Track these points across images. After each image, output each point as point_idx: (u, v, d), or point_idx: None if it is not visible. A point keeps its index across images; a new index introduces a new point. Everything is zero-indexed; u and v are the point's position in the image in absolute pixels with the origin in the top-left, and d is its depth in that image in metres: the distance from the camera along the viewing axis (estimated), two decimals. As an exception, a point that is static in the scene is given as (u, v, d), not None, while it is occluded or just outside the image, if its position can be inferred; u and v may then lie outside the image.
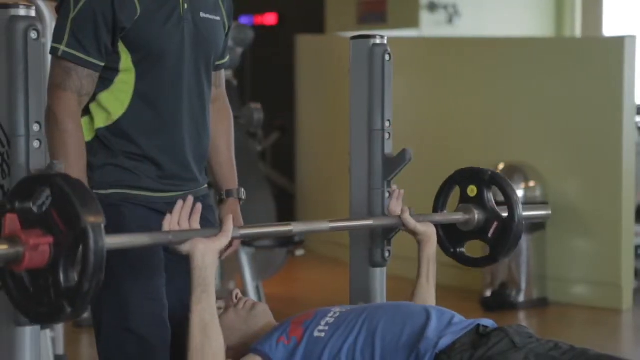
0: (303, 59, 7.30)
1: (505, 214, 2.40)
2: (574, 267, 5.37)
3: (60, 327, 4.20)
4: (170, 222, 1.94)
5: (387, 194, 2.44)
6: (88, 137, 2.19)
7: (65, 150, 2.10)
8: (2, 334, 1.88)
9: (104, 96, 2.18)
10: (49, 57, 2.16)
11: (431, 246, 2.37)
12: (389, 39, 2.47)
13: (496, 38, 6.46)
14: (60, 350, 4.20)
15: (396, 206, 2.37)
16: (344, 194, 2.66)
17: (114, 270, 2.15)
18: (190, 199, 1.98)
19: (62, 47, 2.11)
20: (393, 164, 2.43)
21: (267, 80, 7.97)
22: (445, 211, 2.49)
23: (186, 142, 2.24)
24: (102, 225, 1.63)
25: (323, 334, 2.05)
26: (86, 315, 4.73)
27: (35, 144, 1.88)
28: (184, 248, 1.94)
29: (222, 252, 2.38)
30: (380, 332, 2.01)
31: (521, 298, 5.27)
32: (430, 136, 5.85)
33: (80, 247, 1.61)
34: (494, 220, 2.41)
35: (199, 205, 1.98)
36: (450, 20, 7.25)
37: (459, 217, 2.43)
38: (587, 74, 5.34)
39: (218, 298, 2.53)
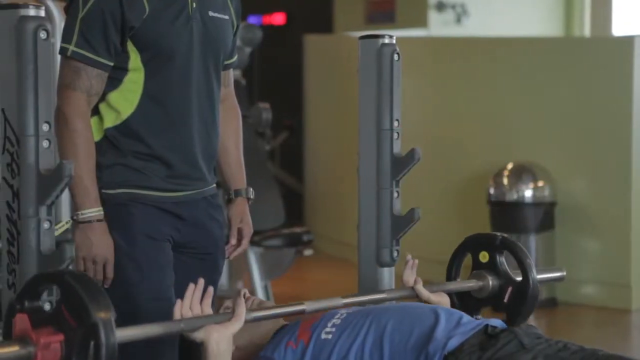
0: (311, 58, 7.29)
1: (519, 278, 2.37)
2: (583, 267, 5.36)
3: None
4: (182, 307, 1.93)
5: (395, 194, 2.44)
6: (97, 137, 2.19)
7: (75, 150, 2.11)
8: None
9: (113, 96, 2.18)
10: (59, 57, 2.16)
11: None
12: (397, 38, 2.47)
13: (505, 38, 6.45)
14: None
15: (410, 276, 2.34)
16: (352, 194, 2.66)
17: (122, 270, 2.16)
18: (201, 281, 1.96)
19: (72, 47, 2.11)
20: (402, 164, 2.42)
21: (275, 79, 7.97)
22: (458, 279, 2.46)
23: (195, 142, 2.24)
24: (113, 320, 1.65)
25: (330, 336, 2.04)
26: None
27: (45, 143, 1.89)
28: (198, 335, 1.93)
29: (230, 252, 2.38)
30: (389, 333, 2.01)
31: (530, 298, 5.25)
32: (439, 136, 5.84)
33: (92, 344, 1.62)
34: (509, 285, 2.38)
35: (211, 289, 1.97)
36: (458, 20, 7.23)
37: (472, 284, 2.40)
38: (596, 74, 5.33)
39: (226, 298, 2.54)
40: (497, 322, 2.06)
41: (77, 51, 2.11)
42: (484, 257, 2.41)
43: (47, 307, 1.73)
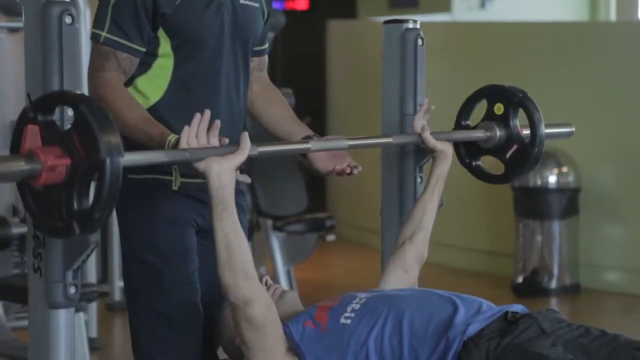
0: (334, 44, 7.27)
1: (527, 139, 2.38)
2: (607, 253, 5.33)
3: (93, 310, 4.24)
4: (188, 135, 1.94)
5: (419, 179, 2.43)
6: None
7: (118, 112, 2.07)
8: (37, 317, 1.91)
9: (141, 81, 2.19)
10: (84, 42, 2.17)
11: (445, 165, 2.36)
12: (421, 23, 2.46)
13: (529, 22, 6.40)
14: (94, 333, 4.25)
15: (419, 121, 2.36)
16: (375, 179, 2.66)
17: (146, 255, 2.18)
18: (208, 112, 1.97)
19: (104, 34, 2.12)
20: (425, 149, 2.41)
21: (298, 65, 7.96)
22: (468, 122, 2.46)
23: (222, 128, 2.24)
24: (120, 158, 1.66)
25: (349, 321, 2.04)
26: (119, 298, 4.78)
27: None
28: (200, 166, 1.94)
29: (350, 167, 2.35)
30: (408, 320, 2.00)
31: (553, 284, 5.23)
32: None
33: (96, 176, 1.64)
34: (515, 142, 2.39)
35: (217, 122, 1.97)
36: (482, 5, 7.19)
37: (480, 134, 2.41)
38: (621, 58, 5.28)
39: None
40: (517, 308, 2.05)
41: (109, 37, 2.12)
42: (498, 109, 2.41)
43: (59, 123, 1.72)
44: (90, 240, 1.85)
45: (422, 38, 2.41)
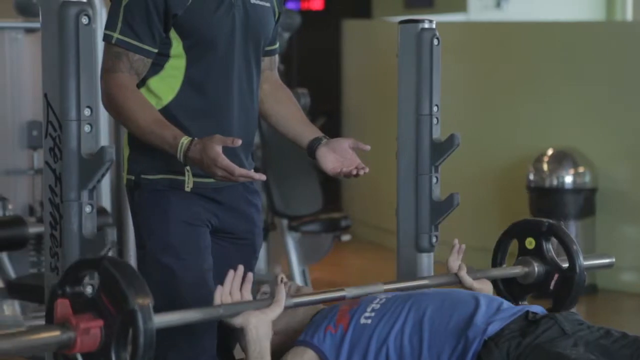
0: (349, 43, 7.27)
1: (565, 265, 2.35)
2: (624, 254, 5.30)
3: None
4: (222, 293, 1.94)
5: (434, 179, 2.43)
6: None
7: (131, 114, 2.08)
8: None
9: (153, 81, 2.19)
10: (100, 42, 2.18)
11: None
12: (436, 23, 2.45)
13: (545, 22, 6.38)
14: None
15: (454, 262, 2.31)
16: (391, 179, 2.65)
17: (161, 255, 2.18)
18: (241, 268, 1.97)
19: (116, 35, 2.13)
20: (441, 149, 2.41)
21: (313, 65, 7.96)
22: (504, 265, 2.44)
23: (234, 128, 2.25)
24: (151, 306, 1.66)
25: (369, 321, 2.04)
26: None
27: (87, 128, 1.90)
28: (237, 322, 1.94)
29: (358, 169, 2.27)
30: (428, 319, 2.00)
31: (569, 285, 5.21)
32: (479, 121, 5.80)
33: (130, 330, 1.64)
34: (555, 272, 2.35)
35: (250, 275, 1.97)
36: (498, 4, 7.17)
37: (517, 270, 2.38)
38: (638, 58, 5.25)
39: (264, 282, 2.55)
40: (538, 309, 2.05)
41: (121, 38, 2.13)
42: (530, 243, 2.38)
43: (89, 290, 1.75)
44: (106, 241, 1.85)
45: (437, 38, 2.40)
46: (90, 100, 1.91)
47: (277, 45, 2.42)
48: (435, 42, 2.40)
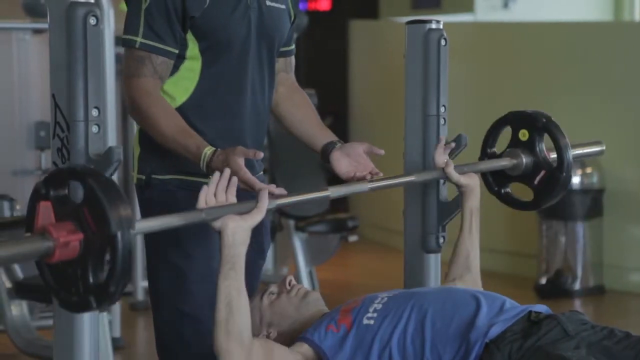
0: (356, 44, 7.27)
1: (555, 164, 2.36)
2: (632, 254, 5.29)
3: (117, 311, 4.26)
4: (207, 194, 1.93)
5: (442, 180, 2.43)
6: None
7: (154, 121, 2.09)
8: (61, 317, 1.92)
9: (168, 83, 2.19)
10: (108, 43, 2.18)
11: (474, 198, 2.34)
12: (443, 24, 2.45)
13: (552, 22, 6.37)
14: (117, 333, 4.27)
15: (440, 157, 2.34)
16: (398, 180, 2.65)
17: (170, 255, 2.19)
18: (227, 170, 1.96)
19: (139, 39, 2.13)
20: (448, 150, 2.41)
21: (320, 65, 7.96)
22: (494, 149, 2.45)
23: (246, 130, 2.25)
24: (131, 230, 1.65)
25: (372, 322, 2.04)
26: (142, 298, 4.80)
27: (94, 128, 1.91)
28: (216, 225, 1.92)
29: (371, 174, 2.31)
30: (430, 319, 2.00)
31: (577, 286, 5.20)
32: (486, 121, 5.79)
33: (108, 251, 1.64)
34: (542, 168, 2.37)
35: (235, 179, 1.96)
36: (505, 5, 7.16)
37: (505, 163, 2.40)
38: (646, 59, 5.24)
39: (271, 283, 2.55)
40: (541, 308, 2.03)
41: (145, 42, 2.13)
42: (523, 135, 2.39)
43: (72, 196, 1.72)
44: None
45: (445, 38, 2.40)
46: (98, 100, 1.91)
47: (292, 47, 2.42)
48: (443, 42, 2.40)
